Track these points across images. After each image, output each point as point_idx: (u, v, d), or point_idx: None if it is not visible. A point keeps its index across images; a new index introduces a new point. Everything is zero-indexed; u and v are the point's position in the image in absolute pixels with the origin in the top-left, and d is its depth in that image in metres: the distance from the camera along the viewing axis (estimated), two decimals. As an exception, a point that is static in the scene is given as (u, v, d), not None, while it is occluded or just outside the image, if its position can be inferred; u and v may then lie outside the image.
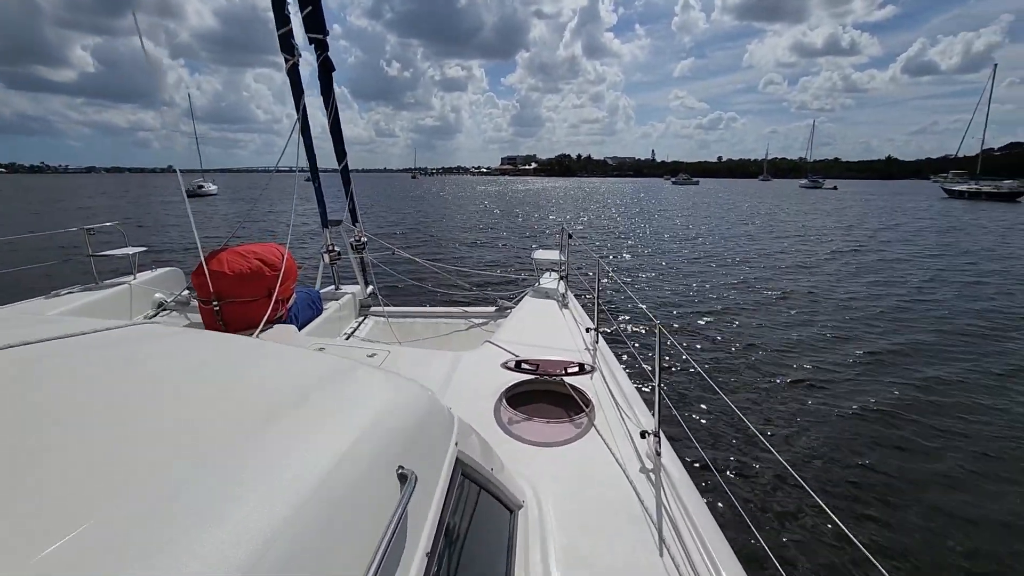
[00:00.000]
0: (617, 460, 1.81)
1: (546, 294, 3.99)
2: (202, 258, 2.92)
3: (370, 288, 4.87)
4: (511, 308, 4.28)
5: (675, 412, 2.59)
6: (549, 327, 3.26)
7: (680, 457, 1.89)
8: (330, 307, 3.98)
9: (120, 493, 0.57)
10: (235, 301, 2.92)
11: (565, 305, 3.70)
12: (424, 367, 2.57)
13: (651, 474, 1.75)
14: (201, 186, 47.62)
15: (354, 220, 4.70)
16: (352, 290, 4.45)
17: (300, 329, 3.37)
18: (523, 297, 4.12)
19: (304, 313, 3.51)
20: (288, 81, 4.00)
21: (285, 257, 3.15)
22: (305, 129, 3.85)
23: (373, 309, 4.48)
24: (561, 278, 4.16)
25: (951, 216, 30.04)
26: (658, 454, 1.77)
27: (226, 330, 2.94)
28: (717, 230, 21.85)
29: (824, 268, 12.53)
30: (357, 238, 4.73)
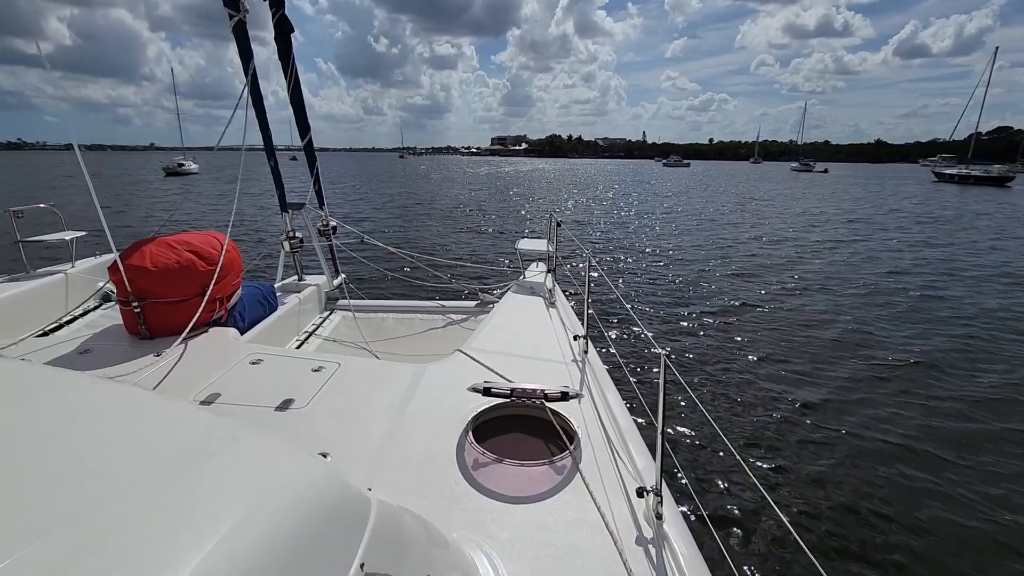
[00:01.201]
0: (607, 525, 1.41)
1: (531, 289, 3.52)
2: (114, 250, 2.41)
3: (338, 279, 4.37)
4: (493, 302, 3.83)
5: (675, 459, 2.13)
6: (532, 331, 2.81)
7: (685, 520, 1.53)
8: (289, 302, 3.49)
9: None
10: (159, 301, 2.43)
11: (552, 304, 3.24)
12: (378, 385, 2.11)
13: (650, 547, 1.35)
14: (182, 164, 46.21)
15: (320, 203, 4.19)
16: (317, 281, 3.95)
17: (247, 330, 2.90)
18: (506, 292, 3.68)
19: (253, 311, 3.02)
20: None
21: (225, 248, 2.65)
22: (257, 99, 3.31)
23: (341, 303, 3.99)
24: (549, 271, 3.70)
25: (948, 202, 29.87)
26: (659, 518, 1.41)
27: (149, 335, 2.46)
28: (718, 216, 20.84)
29: (834, 263, 11.76)
30: (324, 223, 4.24)
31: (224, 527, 0.59)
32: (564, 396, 1.77)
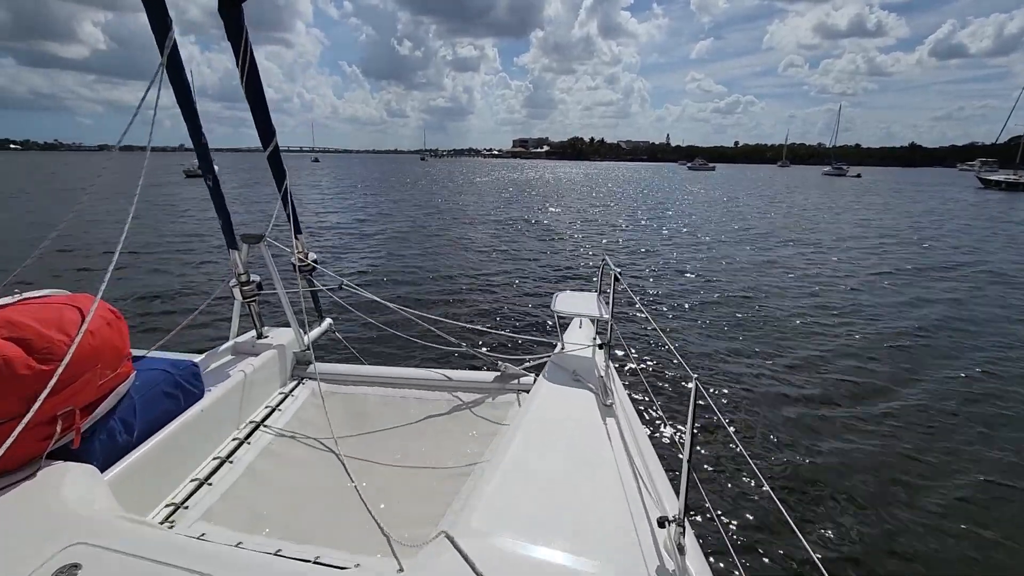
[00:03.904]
0: (625, 556, 1.29)
1: (575, 374, 2.37)
2: None
3: (318, 329, 3.31)
4: (518, 376, 2.73)
5: (701, 489, 2.04)
6: (578, 470, 1.69)
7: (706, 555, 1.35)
8: (233, 376, 2.43)
9: None
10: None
11: (609, 403, 2.10)
12: None
13: None
14: (212, 159, 46.30)
15: (295, 230, 3.15)
16: (282, 339, 2.89)
17: (140, 440, 1.84)
18: (537, 368, 2.58)
19: (155, 408, 1.96)
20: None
21: (86, 325, 1.59)
22: (179, 84, 2.26)
23: (315, 369, 2.90)
24: (601, 346, 2.57)
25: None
26: (681, 551, 1.29)
27: None
28: (758, 233, 17.25)
29: (894, 289, 9.60)
30: (301, 256, 3.19)
31: None
32: None
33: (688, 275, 10.79)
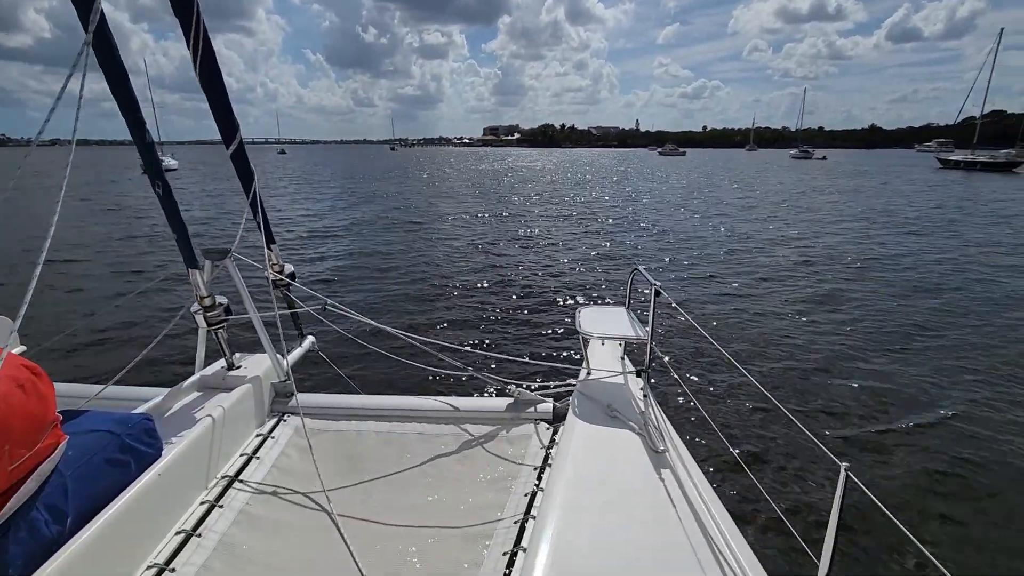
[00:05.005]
0: None
1: (609, 408, 2.03)
2: None
3: (297, 351, 2.90)
4: (536, 403, 2.38)
5: None
6: (646, 561, 1.35)
7: None
8: (202, 418, 2.02)
9: None
10: None
11: (661, 452, 1.76)
12: None
13: None
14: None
15: (269, 240, 2.72)
16: (257, 369, 2.47)
17: (71, 534, 1.43)
18: (564, 392, 2.24)
19: (94, 484, 1.53)
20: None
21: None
22: (112, 68, 1.82)
23: (298, 402, 2.49)
24: (639, 372, 2.23)
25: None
26: None
27: None
28: (746, 224, 16.19)
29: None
30: (277, 268, 2.76)
31: None
32: None
33: (731, 283, 9.23)
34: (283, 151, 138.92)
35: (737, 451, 3.99)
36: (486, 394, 4.31)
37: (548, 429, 2.27)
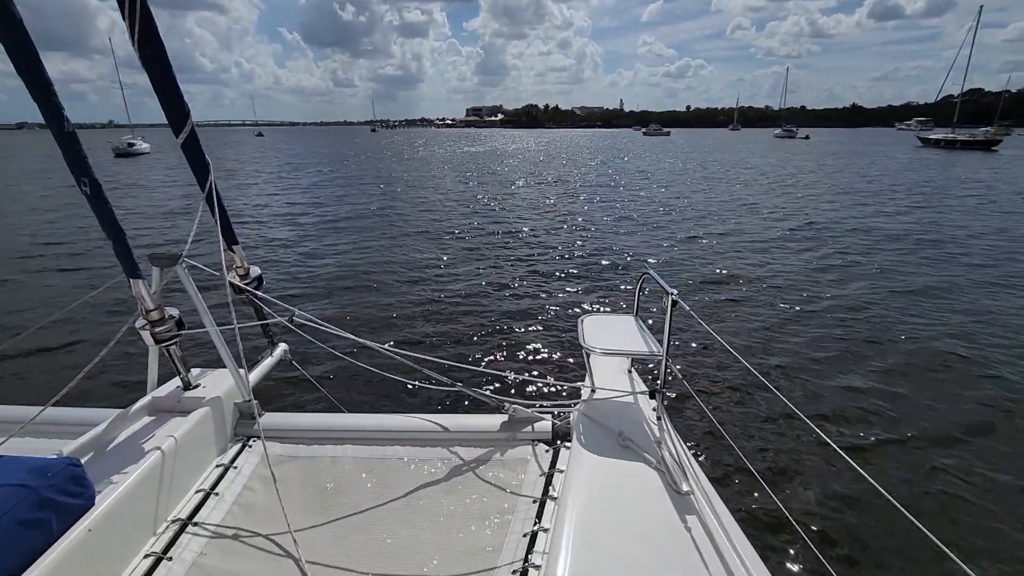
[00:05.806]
0: None
1: (621, 435, 1.79)
2: None
3: (268, 362, 2.62)
4: (532, 421, 2.14)
5: None
6: None
7: None
8: (150, 451, 1.75)
9: None
10: None
11: (684, 494, 1.53)
12: None
13: None
14: (132, 144, 42.50)
15: (230, 241, 2.40)
16: (219, 388, 2.18)
17: None
18: (567, 414, 2.00)
19: (6, 551, 1.27)
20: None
21: None
22: (13, 39, 1.49)
23: (262, 423, 2.22)
24: (652, 394, 2.00)
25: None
26: None
27: None
28: (743, 207, 15.37)
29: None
30: (241, 271, 2.46)
31: None
32: None
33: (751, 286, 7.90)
34: (260, 133, 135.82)
35: (780, 497, 3.12)
36: (471, 409, 3.87)
37: (548, 451, 2.04)
